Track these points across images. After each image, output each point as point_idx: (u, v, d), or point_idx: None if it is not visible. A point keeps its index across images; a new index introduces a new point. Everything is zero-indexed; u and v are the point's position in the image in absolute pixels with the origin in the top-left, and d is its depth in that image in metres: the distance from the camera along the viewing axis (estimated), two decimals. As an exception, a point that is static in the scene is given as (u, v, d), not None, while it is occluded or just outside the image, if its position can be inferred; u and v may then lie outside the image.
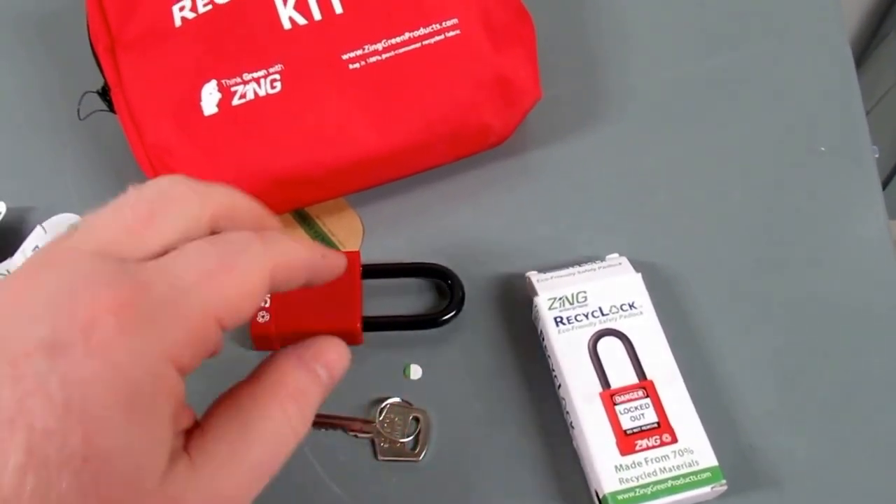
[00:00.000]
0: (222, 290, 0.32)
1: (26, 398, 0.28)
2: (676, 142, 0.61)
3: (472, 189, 0.60)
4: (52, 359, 0.28)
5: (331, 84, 0.54)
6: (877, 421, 0.52)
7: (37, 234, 0.52)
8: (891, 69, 1.33)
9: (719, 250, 0.58)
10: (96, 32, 0.55)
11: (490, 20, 0.56)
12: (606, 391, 0.49)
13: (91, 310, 0.29)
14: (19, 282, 0.31)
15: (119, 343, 0.29)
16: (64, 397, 0.28)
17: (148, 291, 0.30)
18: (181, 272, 0.31)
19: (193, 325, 0.31)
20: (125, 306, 0.29)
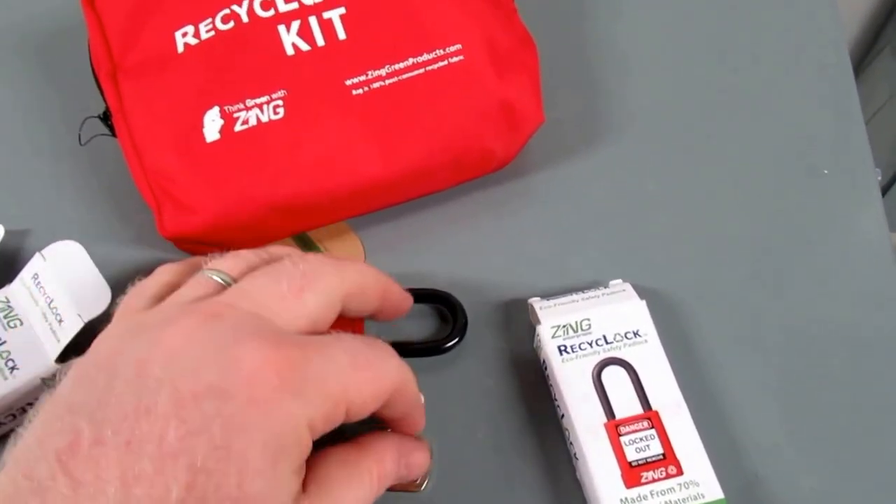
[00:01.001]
0: (360, 386, 0.36)
1: (190, 437, 0.30)
2: (678, 164, 0.61)
3: (473, 212, 0.60)
4: (218, 402, 0.31)
5: (334, 110, 0.54)
6: (885, 450, 0.52)
7: (36, 262, 0.52)
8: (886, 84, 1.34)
9: (722, 275, 0.57)
10: (98, 58, 0.55)
11: (494, 46, 0.56)
12: (611, 422, 0.49)
13: (257, 364, 0.32)
14: (189, 328, 0.34)
15: (277, 399, 0.32)
16: (224, 440, 0.31)
17: (308, 361, 0.34)
18: (336, 355, 0.36)
19: (332, 402, 0.35)
20: (287, 368, 0.33)
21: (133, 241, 0.58)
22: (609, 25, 0.67)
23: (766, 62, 0.65)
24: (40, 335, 0.51)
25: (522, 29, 0.58)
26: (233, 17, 0.54)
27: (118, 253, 0.58)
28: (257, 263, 0.41)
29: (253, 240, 0.56)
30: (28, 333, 0.51)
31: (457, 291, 0.57)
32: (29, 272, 0.52)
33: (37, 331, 0.51)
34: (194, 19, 0.54)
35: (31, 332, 0.51)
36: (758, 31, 0.67)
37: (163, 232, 0.54)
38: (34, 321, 0.51)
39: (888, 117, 1.33)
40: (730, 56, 0.66)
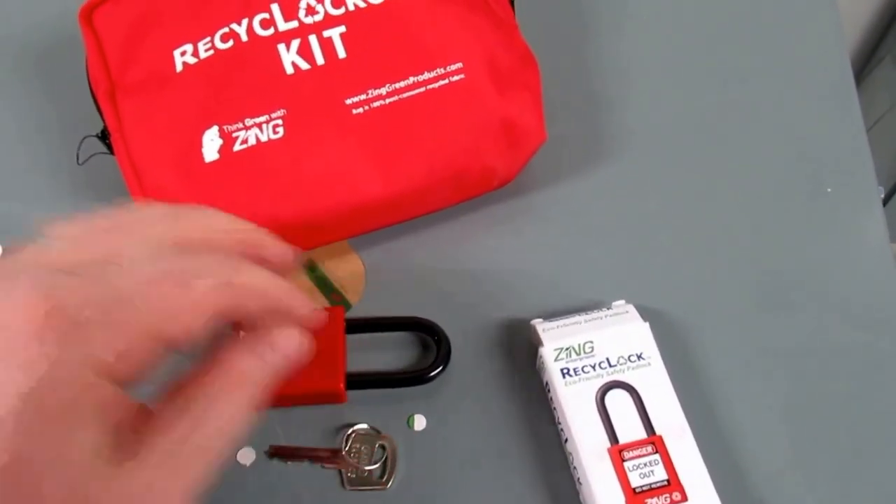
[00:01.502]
0: (164, 302, 0.32)
1: None
2: (681, 183, 0.61)
3: (475, 230, 0.59)
4: None
5: (334, 129, 0.53)
6: (891, 474, 0.51)
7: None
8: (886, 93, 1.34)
9: (726, 295, 0.57)
10: (96, 76, 0.54)
11: (495, 64, 0.55)
12: (615, 447, 0.48)
13: (20, 322, 0.29)
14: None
15: (41, 355, 0.29)
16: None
17: (79, 300, 0.30)
18: (123, 281, 0.32)
19: (126, 334, 0.31)
20: (52, 316, 0.29)
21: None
22: (611, 43, 0.66)
23: (769, 80, 0.65)
24: None
25: (524, 46, 0.58)
26: (232, 36, 0.54)
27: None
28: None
29: (252, 260, 0.56)
30: None
31: (458, 311, 0.56)
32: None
33: None
34: (193, 38, 0.54)
35: None
36: (760, 48, 0.66)
37: (161, 252, 0.54)
38: None
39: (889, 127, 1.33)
40: (732, 74, 0.65)
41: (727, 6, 0.68)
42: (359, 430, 0.52)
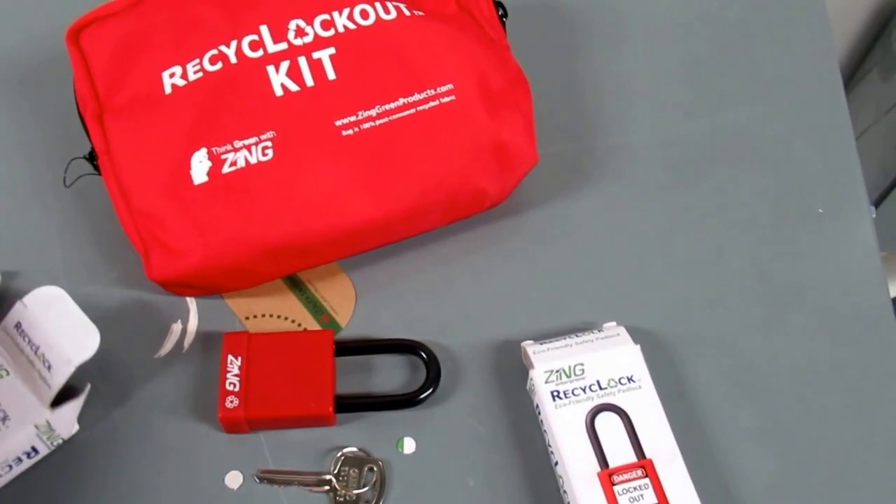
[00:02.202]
0: None
1: None
2: (674, 204, 0.61)
3: (466, 251, 0.59)
4: None
5: (324, 150, 0.53)
6: (881, 495, 0.51)
7: (18, 311, 0.50)
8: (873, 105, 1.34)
9: (717, 317, 0.57)
10: (84, 98, 0.54)
11: (486, 86, 0.55)
12: (605, 471, 0.48)
13: None
14: None
15: None
16: None
17: None
18: None
19: None
20: None
21: (118, 282, 0.57)
22: (605, 65, 0.66)
23: (761, 101, 0.65)
24: (29, 383, 0.50)
25: (516, 68, 0.58)
26: (221, 58, 0.53)
27: (104, 294, 0.57)
28: None
29: (241, 282, 0.55)
30: (15, 383, 0.50)
31: (448, 333, 0.56)
32: (11, 321, 0.51)
33: (24, 379, 0.50)
34: (182, 60, 0.54)
35: (18, 381, 0.50)
36: (754, 72, 0.66)
37: (150, 275, 0.53)
38: (21, 370, 0.50)
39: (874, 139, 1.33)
40: (726, 97, 0.65)
41: (719, 29, 0.68)
42: (348, 453, 0.52)
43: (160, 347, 0.55)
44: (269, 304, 0.57)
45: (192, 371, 0.55)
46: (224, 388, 0.51)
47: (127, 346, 0.55)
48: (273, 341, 0.53)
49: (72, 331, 0.50)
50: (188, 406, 0.53)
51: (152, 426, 0.53)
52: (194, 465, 0.52)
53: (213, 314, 0.56)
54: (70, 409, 0.51)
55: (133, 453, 0.52)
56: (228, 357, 0.52)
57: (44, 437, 0.50)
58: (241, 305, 0.57)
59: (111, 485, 0.51)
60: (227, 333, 0.53)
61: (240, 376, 0.52)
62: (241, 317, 0.56)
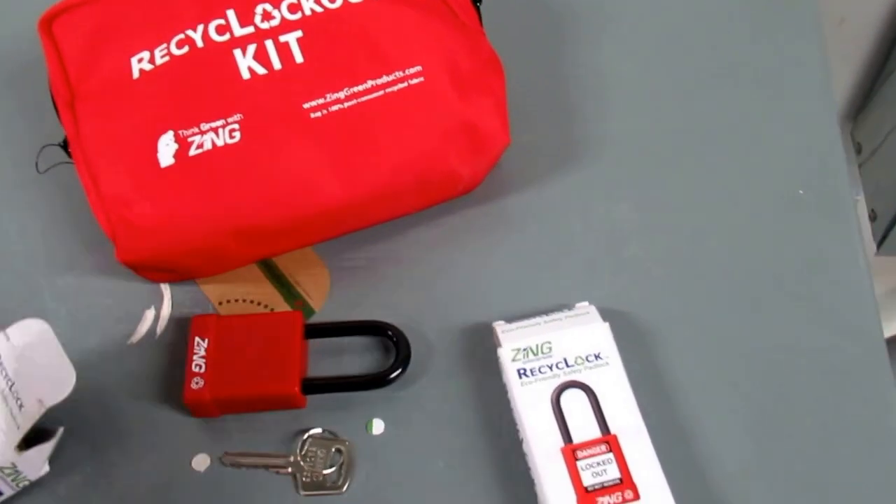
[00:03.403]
0: None
1: None
2: (652, 188, 0.60)
3: (442, 236, 0.59)
4: None
5: (292, 133, 0.53)
6: (854, 477, 0.50)
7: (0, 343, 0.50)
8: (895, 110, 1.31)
9: (693, 299, 0.56)
10: (56, 85, 0.55)
11: (456, 68, 0.55)
12: (568, 446, 0.47)
13: None
14: None
15: None
16: None
17: None
18: None
19: None
20: None
21: (96, 269, 0.58)
22: (586, 50, 0.66)
23: (744, 85, 0.64)
24: (0, 421, 0.48)
25: (489, 50, 0.57)
26: (188, 42, 0.54)
27: (81, 281, 0.57)
28: None
29: (212, 266, 0.56)
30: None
31: (423, 316, 0.56)
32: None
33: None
34: (150, 45, 0.54)
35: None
36: (735, 55, 0.65)
37: (119, 258, 0.54)
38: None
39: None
40: (706, 81, 0.64)
41: (701, 14, 0.67)
42: (314, 434, 0.52)
43: (133, 333, 0.56)
44: (243, 290, 0.57)
45: (163, 356, 0.55)
46: (190, 370, 0.51)
47: (101, 332, 0.56)
48: (241, 323, 0.53)
49: (50, 370, 0.49)
50: (158, 391, 0.54)
51: (121, 411, 0.53)
52: (161, 449, 0.52)
53: (188, 300, 0.57)
54: (38, 452, 0.49)
55: (100, 437, 0.52)
56: (196, 339, 0.52)
57: (9, 479, 0.49)
58: (214, 291, 0.57)
59: (78, 468, 0.52)
60: (196, 316, 0.53)
61: (206, 358, 0.52)
62: (215, 302, 0.56)
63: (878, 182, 1.21)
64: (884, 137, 1.33)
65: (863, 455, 0.50)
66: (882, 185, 1.23)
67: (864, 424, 0.51)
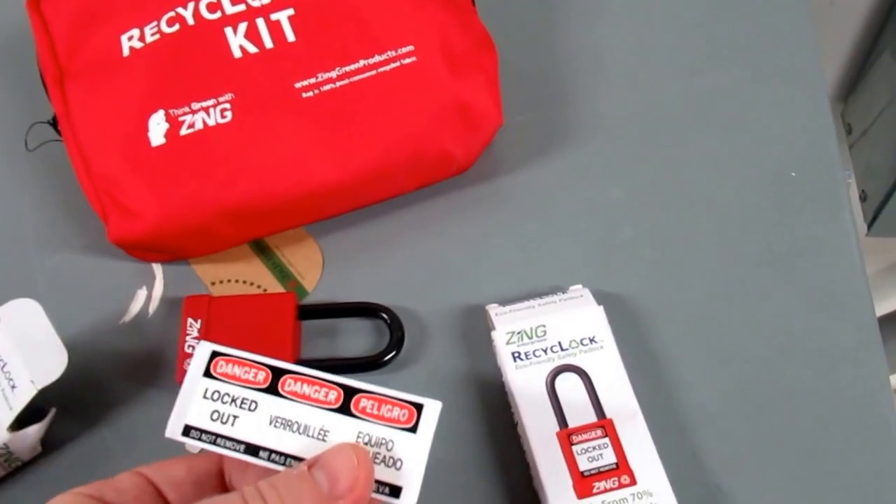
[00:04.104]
0: None
1: None
2: (645, 170, 0.60)
3: (436, 217, 0.58)
4: None
5: (284, 113, 0.52)
6: (849, 460, 0.50)
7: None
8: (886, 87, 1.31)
9: (687, 282, 0.56)
10: (45, 62, 0.54)
11: (448, 47, 0.54)
12: (563, 431, 0.47)
13: None
14: None
15: None
16: None
17: None
18: None
19: None
20: None
21: (88, 249, 0.57)
22: (578, 29, 0.65)
23: (736, 67, 0.63)
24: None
25: (481, 29, 0.57)
26: (178, 20, 0.53)
27: (72, 261, 0.57)
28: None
29: (204, 246, 0.55)
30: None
31: (417, 298, 0.55)
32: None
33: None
34: (140, 22, 0.53)
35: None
36: (727, 36, 0.65)
37: (111, 238, 0.53)
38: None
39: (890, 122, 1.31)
40: (699, 61, 0.64)
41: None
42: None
43: (125, 313, 0.55)
44: (236, 270, 0.56)
45: (155, 336, 0.54)
46: (182, 351, 0.51)
47: (92, 312, 0.55)
48: (234, 304, 0.53)
49: (41, 351, 0.49)
50: (150, 371, 0.53)
51: (113, 391, 0.53)
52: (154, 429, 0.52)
53: (180, 280, 0.56)
54: (31, 432, 0.48)
55: (92, 417, 0.52)
56: (188, 320, 0.52)
57: (1, 460, 0.48)
58: (207, 271, 0.56)
59: (70, 449, 0.51)
60: (188, 297, 0.53)
61: (199, 338, 0.51)
62: (207, 282, 0.56)
63: (868, 163, 1.21)
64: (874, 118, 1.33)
65: (857, 437, 0.51)
66: (872, 165, 1.23)
67: (858, 405, 0.51)
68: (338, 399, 0.37)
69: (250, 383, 0.37)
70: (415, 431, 0.36)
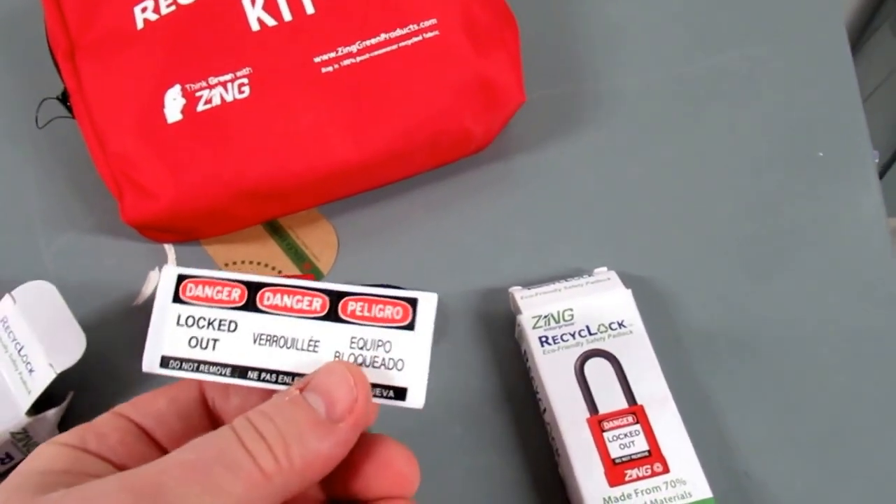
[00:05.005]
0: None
1: None
2: (667, 147, 0.58)
3: (452, 198, 0.57)
4: None
5: (303, 88, 0.51)
6: (878, 447, 0.49)
7: (5, 305, 0.48)
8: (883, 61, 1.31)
9: (712, 263, 0.55)
10: (55, 36, 0.52)
11: (471, 21, 0.53)
12: (594, 417, 0.46)
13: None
14: None
15: None
16: None
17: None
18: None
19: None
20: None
21: (97, 229, 0.56)
22: (596, 4, 0.64)
23: (759, 43, 0.62)
24: (10, 385, 0.47)
25: (502, 4, 0.55)
26: (194, -9, 0.51)
27: (82, 241, 0.55)
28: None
29: (219, 226, 0.54)
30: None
31: (434, 281, 0.54)
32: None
33: (6, 380, 0.47)
34: (154, -7, 0.52)
35: (0, 381, 0.47)
36: (750, 11, 0.64)
37: (125, 219, 0.52)
38: (3, 369, 0.47)
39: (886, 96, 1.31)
40: (721, 37, 0.63)
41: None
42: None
43: (137, 295, 0.54)
44: (249, 251, 0.55)
45: (169, 318, 0.53)
46: None
47: (104, 293, 0.54)
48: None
49: (58, 333, 0.47)
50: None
51: (127, 373, 0.51)
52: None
53: (192, 261, 0.55)
54: (50, 416, 0.47)
55: (105, 400, 0.50)
56: None
57: (20, 444, 0.47)
58: (219, 252, 0.55)
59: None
60: None
61: None
62: (220, 264, 0.54)
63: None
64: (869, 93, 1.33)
65: (888, 422, 0.50)
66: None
67: (889, 389, 0.51)
68: (323, 306, 0.33)
69: (225, 303, 0.34)
70: (412, 329, 0.33)
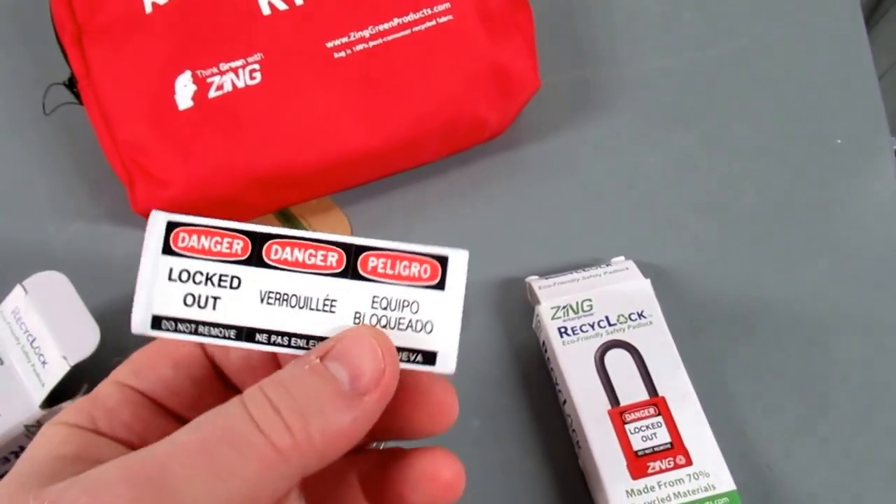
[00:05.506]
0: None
1: None
2: (685, 135, 0.57)
3: (465, 186, 0.56)
4: None
5: (315, 74, 0.50)
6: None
7: (16, 296, 0.47)
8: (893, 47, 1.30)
9: (731, 252, 0.54)
10: (61, 20, 0.51)
11: (485, 6, 0.52)
12: (615, 409, 0.45)
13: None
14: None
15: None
16: None
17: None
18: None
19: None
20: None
21: (106, 217, 0.55)
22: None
23: (776, 28, 0.61)
24: (23, 377, 0.46)
25: (515, -15, 0.54)
26: (203, -26, 0.50)
27: (90, 230, 0.54)
28: None
29: (231, 215, 0.52)
30: (8, 374, 0.46)
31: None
32: (9, 306, 0.47)
33: (19, 372, 0.46)
34: (162, -24, 0.50)
35: (12, 373, 0.46)
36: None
37: (135, 207, 0.51)
38: (15, 361, 0.47)
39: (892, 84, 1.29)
40: (737, 22, 0.61)
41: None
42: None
43: (147, 285, 0.53)
44: (261, 240, 0.54)
45: (179, 309, 0.52)
46: None
47: (113, 283, 0.52)
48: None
49: (71, 325, 0.46)
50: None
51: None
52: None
53: (203, 250, 0.54)
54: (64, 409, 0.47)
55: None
56: None
57: (34, 437, 0.47)
58: (231, 241, 0.54)
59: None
60: None
61: None
62: (232, 253, 0.54)
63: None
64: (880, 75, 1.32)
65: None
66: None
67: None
68: (339, 262, 0.29)
69: (226, 255, 0.29)
70: (442, 288, 0.30)
